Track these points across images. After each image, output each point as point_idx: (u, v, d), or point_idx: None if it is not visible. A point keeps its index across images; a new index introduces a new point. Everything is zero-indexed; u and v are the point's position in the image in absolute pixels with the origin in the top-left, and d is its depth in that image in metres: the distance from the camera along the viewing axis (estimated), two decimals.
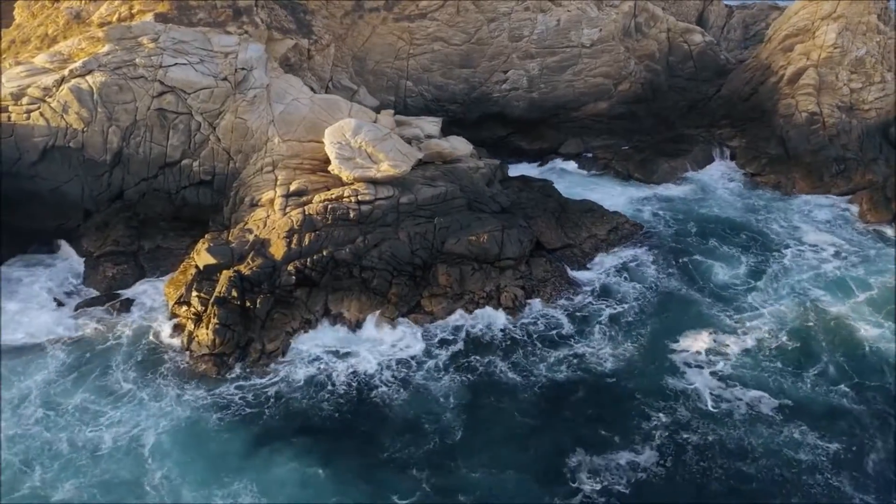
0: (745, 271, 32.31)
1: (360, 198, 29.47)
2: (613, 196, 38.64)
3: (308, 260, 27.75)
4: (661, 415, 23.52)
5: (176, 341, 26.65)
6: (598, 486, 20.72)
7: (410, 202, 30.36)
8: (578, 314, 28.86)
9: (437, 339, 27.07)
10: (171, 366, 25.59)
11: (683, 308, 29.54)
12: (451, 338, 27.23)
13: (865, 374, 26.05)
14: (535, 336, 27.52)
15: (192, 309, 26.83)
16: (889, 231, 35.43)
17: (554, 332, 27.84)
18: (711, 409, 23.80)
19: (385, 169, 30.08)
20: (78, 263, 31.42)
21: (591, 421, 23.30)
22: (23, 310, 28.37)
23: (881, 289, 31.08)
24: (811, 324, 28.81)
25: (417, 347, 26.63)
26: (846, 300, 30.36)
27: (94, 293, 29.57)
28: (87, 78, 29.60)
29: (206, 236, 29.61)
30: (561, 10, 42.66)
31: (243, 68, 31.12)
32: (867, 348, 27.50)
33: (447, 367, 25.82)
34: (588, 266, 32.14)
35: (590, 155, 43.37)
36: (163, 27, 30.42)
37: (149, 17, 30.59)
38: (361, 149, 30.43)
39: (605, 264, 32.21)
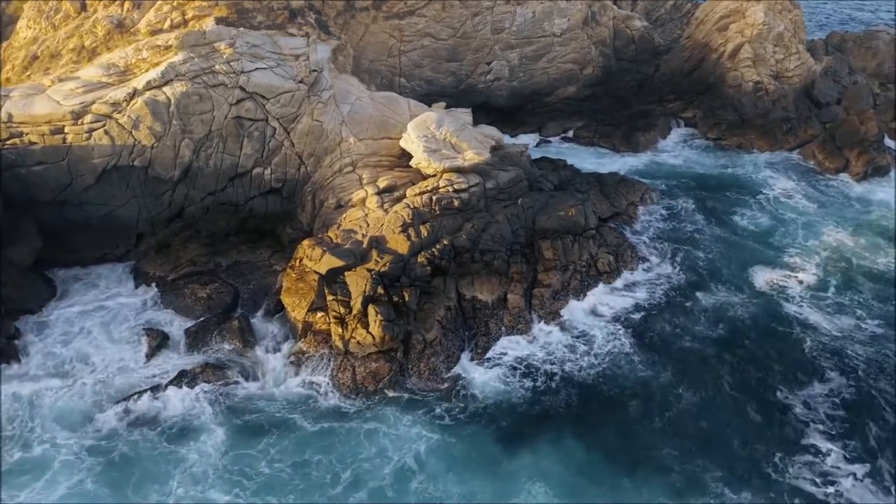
0: (759, 215, 37.37)
1: (455, 187, 30.43)
2: (615, 166, 42.45)
3: (434, 250, 28.36)
4: (808, 344, 26.83)
5: (322, 350, 26.07)
6: (814, 416, 23.40)
7: (494, 187, 31.75)
8: (679, 262, 32.41)
9: (605, 321, 28.52)
10: (339, 382, 24.91)
11: (737, 248, 33.87)
12: (616, 319, 28.66)
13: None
14: (667, 301, 29.99)
15: (333, 313, 26.42)
16: (842, 174, 42.50)
17: (667, 289, 30.78)
18: (838, 334, 27.54)
19: (470, 157, 31.22)
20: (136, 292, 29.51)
21: (768, 363, 26.02)
22: (133, 357, 26.01)
23: (865, 223, 37.06)
24: (832, 253, 33.98)
25: (596, 332, 27.89)
26: (843, 233, 35.92)
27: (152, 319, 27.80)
28: (165, 89, 27.51)
29: (304, 242, 28.97)
30: (535, 1, 45.58)
31: (315, 70, 30.57)
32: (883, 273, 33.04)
33: (630, 344, 27.26)
34: (638, 228, 35.77)
35: (570, 135, 47.04)
36: (236, 31, 28.98)
37: (208, 21, 28.89)
38: (446, 140, 31.29)
39: (653, 213, 36.59)
